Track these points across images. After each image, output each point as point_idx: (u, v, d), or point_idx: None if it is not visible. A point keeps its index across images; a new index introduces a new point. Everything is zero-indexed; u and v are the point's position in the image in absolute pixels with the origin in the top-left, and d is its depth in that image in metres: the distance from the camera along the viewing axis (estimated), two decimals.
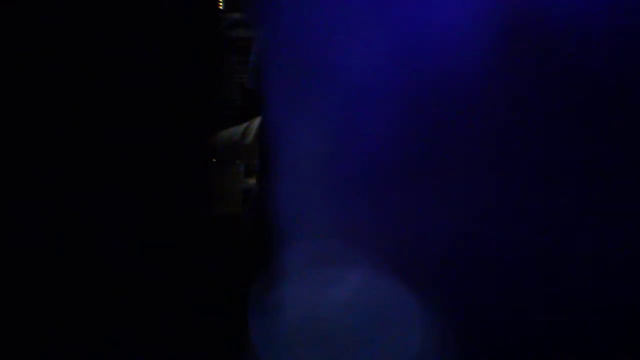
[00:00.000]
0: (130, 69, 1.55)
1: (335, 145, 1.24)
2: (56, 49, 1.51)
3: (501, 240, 1.23)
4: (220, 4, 4.43)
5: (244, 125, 3.21)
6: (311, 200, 1.29)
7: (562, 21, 1.17)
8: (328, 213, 1.28)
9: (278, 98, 1.28)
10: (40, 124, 1.51)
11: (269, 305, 1.59)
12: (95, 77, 1.52)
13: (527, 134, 1.20)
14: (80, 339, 1.51)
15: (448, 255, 1.26)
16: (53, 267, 1.51)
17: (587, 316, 1.21)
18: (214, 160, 2.75)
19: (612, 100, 1.19)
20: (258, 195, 2.06)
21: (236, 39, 4.05)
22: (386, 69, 1.18)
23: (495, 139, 1.20)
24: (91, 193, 1.52)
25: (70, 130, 1.52)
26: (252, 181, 2.74)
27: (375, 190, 1.24)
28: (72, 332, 1.51)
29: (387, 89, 1.19)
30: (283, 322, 1.56)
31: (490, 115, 1.18)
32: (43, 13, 1.50)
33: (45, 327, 1.51)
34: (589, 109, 1.19)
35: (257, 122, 3.17)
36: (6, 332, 1.51)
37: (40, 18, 1.50)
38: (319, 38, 1.21)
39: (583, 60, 1.18)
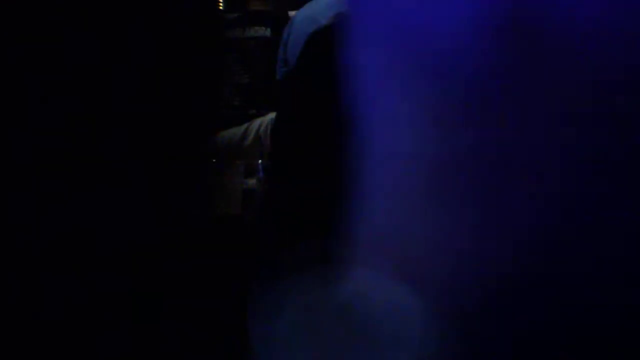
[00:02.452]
0: (129, 69, 1.55)
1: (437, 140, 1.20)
2: (54, 49, 1.51)
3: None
4: (220, 4, 4.44)
5: (244, 125, 3.22)
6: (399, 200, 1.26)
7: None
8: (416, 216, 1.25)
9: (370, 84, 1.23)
10: (39, 123, 1.51)
11: (269, 305, 1.59)
12: (94, 77, 1.52)
13: None
14: (78, 339, 1.51)
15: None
16: (51, 267, 1.51)
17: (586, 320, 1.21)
18: (214, 160, 2.76)
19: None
20: (275, 195, 2.00)
21: (236, 39, 4.06)
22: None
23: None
24: (90, 193, 1.52)
25: (68, 129, 1.52)
26: (252, 181, 2.74)
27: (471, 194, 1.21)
28: (71, 333, 1.51)
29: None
30: (283, 322, 1.56)
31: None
32: (42, 12, 1.50)
33: (46, 326, 1.51)
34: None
35: (257, 122, 3.18)
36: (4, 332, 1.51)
37: (39, 17, 1.50)
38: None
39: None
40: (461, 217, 1.20)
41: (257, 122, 3.17)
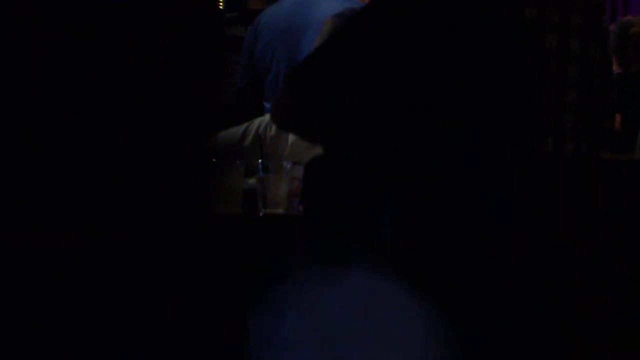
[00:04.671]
0: (128, 69, 1.55)
1: None
2: (54, 50, 1.51)
3: None
4: (221, 3, 4.43)
5: (244, 125, 3.22)
6: None
7: None
8: None
9: None
10: (42, 123, 1.51)
11: (269, 305, 1.59)
12: (95, 77, 1.52)
13: None
14: (81, 336, 1.51)
15: None
16: (52, 268, 1.51)
17: None
18: (214, 160, 2.76)
19: None
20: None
21: (236, 38, 4.05)
22: None
23: None
24: (91, 192, 1.52)
25: (70, 128, 1.52)
26: (252, 181, 2.74)
27: None
28: (72, 332, 1.51)
29: None
30: (283, 322, 1.56)
31: None
32: (41, 12, 1.50)
33: (46, 327, 1.51)
34: None
35: (257, 122, 3.17)
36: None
37: (39, 17, 1.50)
38: None
39: None
40: None
41: (257, 122, 3.17)
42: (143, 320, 1.54)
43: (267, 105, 3.51)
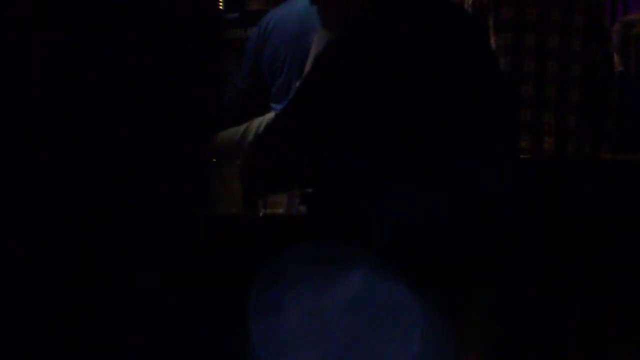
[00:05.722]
0: (129, 70, 1.55)
1: None
2: (54, 50, 1.51)
3: None
4: (220, 4, 4.43)
5: (244, 125, 3.22)
6: None
7: None
8: None
9: None
10: (42, 123, 1.51)
11: (269, 305, 1.60)
12: (95, 77, 1.52)
13: None
14: (79, 334, 1.51)
15: None
16: (52, 267, 1.51)
17: None
18: (214, 160, 2.75)
19: None
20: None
21: (236, 39, 4.04)
22: None
23: None
24: (91, 192, 1.52)
25: (70, 128, 1.52)
26: None
27: None
28: (72, 331, 1.51)
29: None
30: (283, 322, 1.56)
31: None
32: (41, 12, 1.50)
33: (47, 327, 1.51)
34: None
35: (256, 123, 3.17)
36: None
37: (39, 17, 1.50)
38: None
39: None
40: None
41: (257, 122, 3.16)
42: (143, 320, 1.54)
43: (276, 107, 3.50)
